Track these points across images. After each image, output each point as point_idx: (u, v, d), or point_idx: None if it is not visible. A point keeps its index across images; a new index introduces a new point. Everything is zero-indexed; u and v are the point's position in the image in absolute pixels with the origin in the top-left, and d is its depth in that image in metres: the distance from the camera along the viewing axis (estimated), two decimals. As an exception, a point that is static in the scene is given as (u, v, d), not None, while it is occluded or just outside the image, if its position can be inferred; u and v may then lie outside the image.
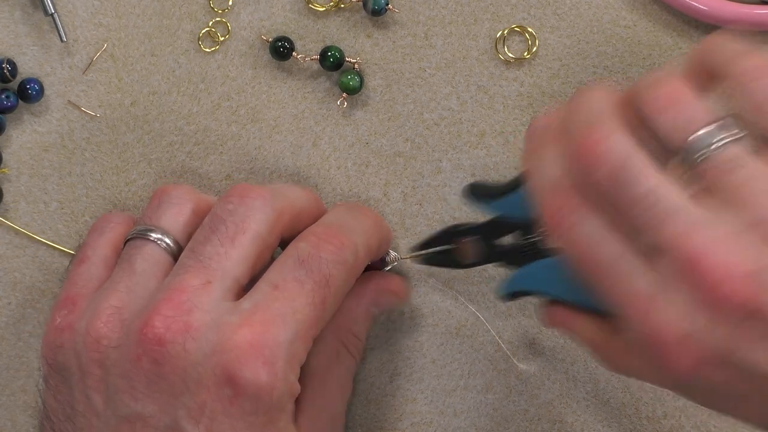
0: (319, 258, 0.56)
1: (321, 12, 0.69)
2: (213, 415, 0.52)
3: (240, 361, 0.52)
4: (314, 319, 0.55)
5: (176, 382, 0.53)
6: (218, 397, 0.52)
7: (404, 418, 0.69)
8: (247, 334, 0.53)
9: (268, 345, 0.53)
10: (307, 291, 0.55)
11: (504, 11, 0.69)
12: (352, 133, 0.69)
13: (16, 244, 0.69)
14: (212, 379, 0.52)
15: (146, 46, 0.69)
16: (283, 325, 0.54)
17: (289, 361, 0.53)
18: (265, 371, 0.52)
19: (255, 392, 0.52)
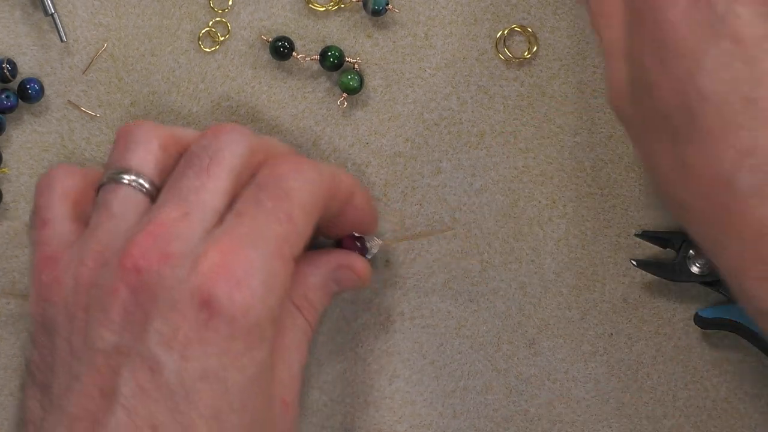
0: (277, 176, 0.55)
1: (321, 12, 0.69)
2: (187, 340, 0.51)
3: (213, 283, 0.51)
4: (283, 234, 0.54)
5: (150, 309, 0.52)
6: (193, 321, 0.51)
7: (403, 420, 0.69)
8: (216, 256, 0.52)
9: (240, 265, 0.52)
10: (268, 209, 0.54)
11: (504, 11, 0.69)
12: (352, 133, 0.69)
13: (16, 243, 0.69)
14: (187, 304, 0.52)
15: (146, 46, 0.69)
16: (251, 245, 0.53)
17: (266, 281, 0.52)
18: (239, 291, 0.51)
19: (229, 313, 0.51)
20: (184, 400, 0.51)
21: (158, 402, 0.51)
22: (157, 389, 0.51)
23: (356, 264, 0.61)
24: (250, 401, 0.52)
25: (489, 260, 0.69)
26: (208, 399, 0.51)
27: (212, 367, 0.51)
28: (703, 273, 0.66)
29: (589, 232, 0.69)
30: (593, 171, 0.69)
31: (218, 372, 0.51)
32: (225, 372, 0.51)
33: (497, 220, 0.69)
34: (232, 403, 0.51)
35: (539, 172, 0.69)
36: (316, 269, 0.60)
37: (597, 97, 0.69)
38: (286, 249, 0.54)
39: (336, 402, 0.69)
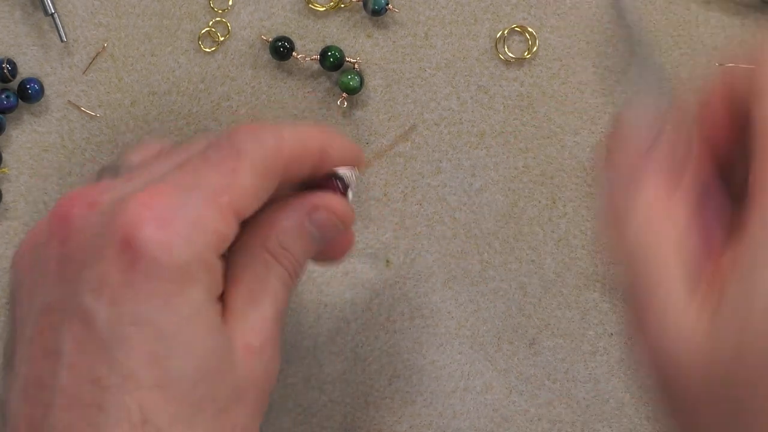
0: (230, 136, 0.53)
1: (321, 12, 0.69)
2: (115, 285, 0.50)
3: (135, 223, 0.50)
4: (222, 185, 0.52)
5: (79, 258, 0.51)
6: (118, 265, 0.50)
7: (403, 421, 0.69)
8: (144, 197, 0.50)
9: (165, 205, 0.50)
10: (212, 162, 0.52)
11: (504, 11, 0.69)
12: (352, 133, 0.69)
13: (16, 243, 0.69)
14: (111, 248, 0.50)
15: (146, 46, 0.69)
16: (182, 189, 0.51)
17: (195, 224, 0.50)
18: (161, 230, 0.50)
19: (151, 253, 0.49)
20: (119, 347, 0.49)
21: (95, 354, 0.50)
22: (93, 341, 0.50)
23: (332, 202, 0.57)
24: (192, 344, 0.50)
25: (489, 260, 0.69)
26: (144, 345, 0.49)
27: (142, 310, 0.50)
28: None
29: (589, 232, 0.69)
30: (593, 171, 0.69)
31: (149, 315, 0.50)
32: (157, 314, 0.50)
33: (497, 220, 0.69)
34: (170, 346, 0.50)
35: (539, 172, 0.69)
36: (289, 213, 0.56)
37: (597, 97, 0.69)
38: (224, 199, 0.52)
39: (336, 402, 0.69)
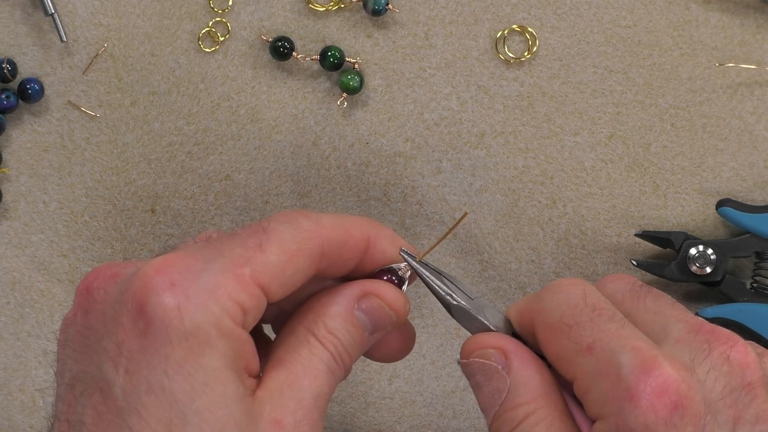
0: (262, 219, 0.53)
1: (321, 12, 0.69)
2: (130, 354, 0.49)
3: (147, 289, 0.50)
4: (245, 257, 0.51)
5: (99, 328, 0.51)
6: (133, 333, 0.49)
7: (403, 421, 0.69)
8: (158, 262, 0.50)
9: (177, 269, 0.50)
10: (238, 238, 0.52)
11: (504, 11, 0.69)
12: (352, 133, 0.69)
13: (16, 243, 0.69)
14: (126, 315, 0.50)
15: (146, 46, 0.69)
16: (200, 257, 0.51)
17: (210, 291, 0.50)
18: (171, 293, 0.49)
19: (162, 317, 0.49)
20: (134, 416, 0.49)
21: (112, 423, 0.50)
22: (110, 410, 0.50)
23: (381, 289, 0.56)
24: (207, 412, 0.50)
25: (489, 260, 0.69)
26: (157, 412, 0.49)
27: (155, 377, 0.49)
28: (703, 273, 0.67)
29: (589, 232, 0.69)
30: (593, 171, 0.69)
31: (162, 382, 0.49)
32: (169, 381, 0.49)
33: (497, 220, 0.69)
34: (184, 414, 0.49)
35: (539, 172, 0.69)
36: (337, 298, 0.55)
37: (597, 97, 0.69)
38: (245, 270, 0.51)
39: (336, 402, 0.69)
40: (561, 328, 0.52)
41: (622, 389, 0.49)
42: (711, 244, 0.67)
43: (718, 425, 0.49)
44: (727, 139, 0.69)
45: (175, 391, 0.49)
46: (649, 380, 0.49)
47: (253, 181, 0.69)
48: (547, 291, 0.54)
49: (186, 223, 0.69)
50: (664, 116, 0.69)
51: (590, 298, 0.53)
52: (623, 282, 0.56)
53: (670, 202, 0.69)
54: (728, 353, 0.51)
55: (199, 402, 0.49)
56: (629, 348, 0.50)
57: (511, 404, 0.53)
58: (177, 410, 0.49)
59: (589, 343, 0.51)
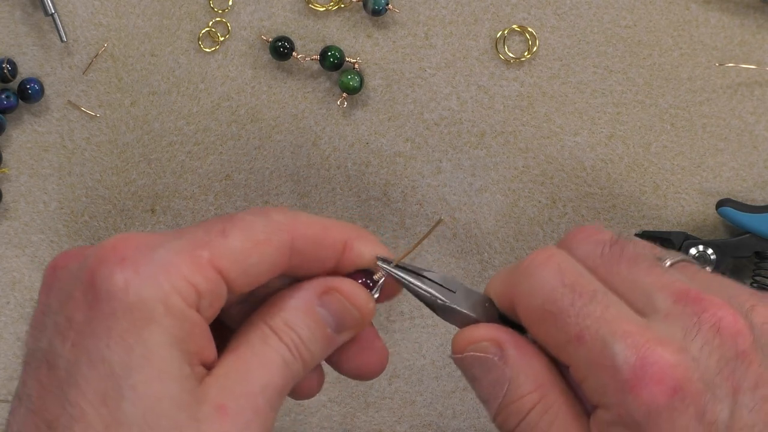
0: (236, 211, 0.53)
1: (321, 12, 0.69)
2: (77, 326, 0.49)
3: (99, 262, 0.49)
4: (203, 240, 0.51)
5: (54, 304, 0.51)
6: (82, 306, 0.49)
7: (403, 421, 0.69)
8: (114, 240, 0.50)
9: (132, 245, 0.50)
10: (203, 224, 0.52)
11: (504, 11, 0.69)
12: (352, 133, 0.69)
13: (16, 243, 0.69)
14: (78, 289, 0.50)
15: (146, 46, 0.69)
16: (155, 236, 0.51)
17: (161, 268, 0.49)
18: (120, 268, 0.49)
19: (108, 289, 0.49)
20: (73, 388, 0.49)
21: (52, 394, 0.49)
22: (52, 382, 0.49)
23: (344, 286, 0.54)
24: (143, 387, 0.49)
25: (489, 260, 0.69)
26: (95, 384, 0.49)
27: (97, 349, 0.49)
28: None
29: (589, 232, 0.69)
30: (593, 171, 0.69)
31: (103, 353, 0.49)
32: (110, 352, 0.49)
33: (497, 220, 0.69)
34: (121, 386, 0.49)
35: (539, 172, 0.69)
36: (297, 292, 0.54)
37: (597, 97, 0.69)
38: (204, 253, 0.50)
39: (336, 402, 0.69)
40: (545, 316, 0.51)
41: (620, 380, 0.49)
42: (711, 244, 0.67)
43: (718, 400, 0.49)
44: (727, 139, 0.69)
45: (114, 364, 0.49)
46: (646, 368, 0.49)
47: (253, 181, 0.69)
48: (521, 272, 0.53)
49: (186, 223, 0.69)
50: (664, 116, 0.69)
51: (568, 276, 0.52)
52: (592, 244, 0.54)
53: (670, 202, 0.69)
54: (718, 324, 0.50)
55: (136, 376, 0.49)
56: (620, 334, 0.49)
57: (515, 395, 0.52)
58: (114, 382, 0.49)
59: (578, 332, 0.50)
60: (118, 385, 0.48)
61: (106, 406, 0.48)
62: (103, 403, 0.48)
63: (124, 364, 0.49)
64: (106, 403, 0.48)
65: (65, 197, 0.69)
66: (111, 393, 0.48)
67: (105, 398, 0.48)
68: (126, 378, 0.49)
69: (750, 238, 0.67)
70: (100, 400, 0.48)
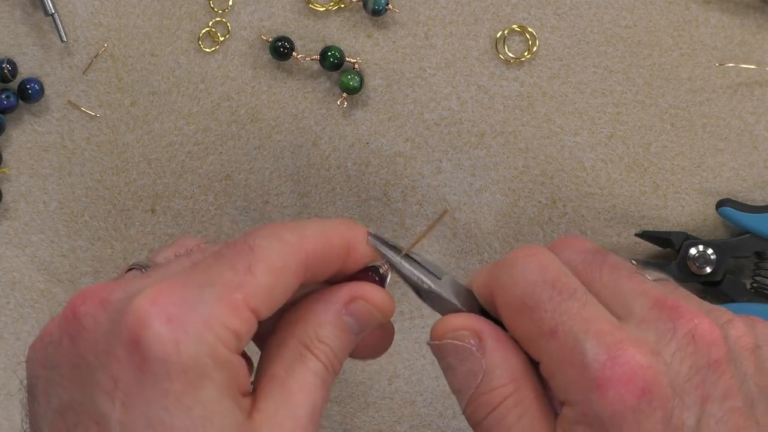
0: (246, 234, 0.52)
1: (321, 12, 0.69)
2: (127, 388, 0.49)
3: (143, 322, 0.49)
4: (236, 282, 0.50)
5: (91, 359, 0.50)
6: (129, 366, 0.49)
7: (403, 421, 0.69)
8: (152, 293, 0.49)
9: (173, 302, 0.49)
10: (226, 259, 0.51)
11: (504, 11, 0.69)
12: (352, 133, 0.69)
13: (16, 243, 0.69)
14: (121, 348, 0.49)
15: (146, 46, 0.69)
16: (192, 285, 0.50)
17: (205, 321, 0.49)
18: (168, 327, 0.48)
19: (159, 352, 0.48)
20: None
21: None
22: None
23: (368, 292, 0.55)
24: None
25: (489, 260, 0.69)
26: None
27: (154, 412, 0.49)
28: (703, 273, 0.67)
29: (589, 232, 0.69)
30: (593, 171, 0.69)
31: (161, 417, 0.48)
32: (169, 415, 0.49)
33: (497, 220, 0.69)
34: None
35: (539, 172, 0.69)
36: (325, 305, 0.55)
37: (597, 97, 0.69)
38: (239, 296, 0.50)
39: (336, 402, 0.69)
40: (523, 309, 0.51)
41: (588, 378, 0.49)
42: (711, 244, 0.67)
43: (686, 407, 0.49)
44: (727, 139, 0.69)
45: (175, 426, 0.49)
46: (615, 368, 0.48)
47: (253, 181, 0.69)
48: (504, 265, 0.53)
49: (186, 223, 0.69)
50: (664, 116, 0.69)
51: (549, 273, 0.52)
52: (576, 251, 0.55)
53: (670, 202, 0.69)
54: (693, 332, 0.50)
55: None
56: (593, 332, 0.49)
57: (487, 387, 0.52)
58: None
59: (552, 327, 0.50)
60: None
61: None
62: None
63: (186, 427, 0.49)
64: None
65: (65, 197, 0.69)
66: None
67: None
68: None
69: (750, 238, 0.67)
70: None
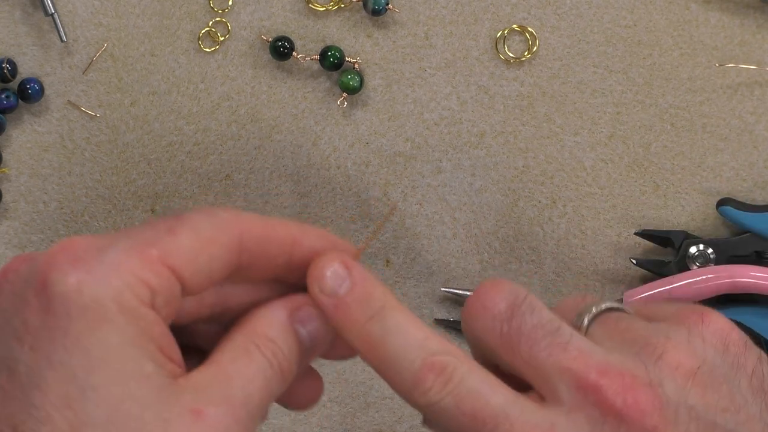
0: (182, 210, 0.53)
1: (321, 12, 0.69)
2: (34, 330, 0.49)
3: (50, 265, 0.49)
4: (152, 237, 0.50)
5: (8, 308, 0.50)
6: (37, 309, 0.49)
7: (403, 421, 0.69)
8: (64, 242, 0.50)
9: (81, 247, 0.50)
10: (151, 224, 0.51)
11: (504, 11, 0.69)
12: (352, 133, 0.69)
13: (16, 243, 0.69)
14: (32, 293, 0.49)
15: (146, 46, 0.69)
16: (104, 237, 0.51)
17: (112, 267, 0.49)
18: (72, 267, 0.49)
19: (62, 291, 0.48)
20: (36, 392, 0.48)
21: (15, 399, 0.49)
22: (15, 387, 0.49)
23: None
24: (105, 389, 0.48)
25: (489, 260, 0.69)
26: (57, 387, 0.48)
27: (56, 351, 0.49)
28: None
29: (589, 232, 0.69)
30: (593, 171, 0.69)
31: (62, 356, 0.48)
32: (68, 355, 0.48)
33: (497, 220, 0.69)
34: (83, 388, 0.48)
35: (539, 172, 0.69)
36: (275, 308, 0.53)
37: (597, 97, 0.69)
38: (153, 251, 0.50)
39: (336, 402, 0.69)
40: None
41: None
42: (711, 243, 0.67)
43: None
44: (727, 139, 0.69)
45: (74, 366, 0.48)
46: None
47: (253, 181, 0.69)
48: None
49: (186, 223, 0.69)
50: (664, 116, 0.69)
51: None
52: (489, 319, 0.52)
53: (670, 202, 0.69)
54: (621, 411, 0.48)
55: (96, 377, 0.48)
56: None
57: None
58: (76, 385, 0.48)
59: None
60: (80, 387, 0.48)
61: (71, 409, 0.48)
62: (68, 405, 0.48)
63: (83, 367, 0.48)
64: (70, 405, 0.48)
65: (65, 197, 0.69)
66: (74, 395, 0.48)
67: (69, 401, 0.48)
68: (87, 380, 0.48)
69: (750, 238, 0.67)
70: (64, 403, 0.48)
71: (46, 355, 0.49)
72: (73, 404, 0.48)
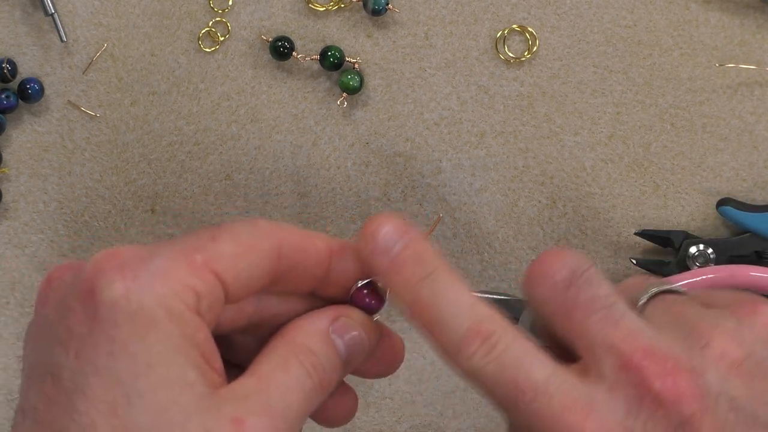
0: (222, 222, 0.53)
1: (321, 12, 0.69)
2: (80, 337, 0.49)
3: (97, 272, 0.49)
4: (198, 246, 0.51)
5: (53, 316, 0.51)
6: (83, 316, 0.49)
7: (403, 421, 0.69)
8: (110, 250, 0.50)
9: (127, 255, 0.50)
10: (193, 233, 0.52)
11: (504, 11, 0.69)
12: (352, 133, 0.69)
13: (16, 243, 0.69)
14: (77, 300, 0.50)
15: (146, 46, 0.69)
16: (147, 246, 0.51)
17: (159, 274, 0.49)
18: (120, 275, 0.49)
19: (109, 299, 0.49)
20: (81, 398, 0.48)
21: (60, 406, 0.49)
22: (59, 393, 0.49)
23: (354, 314, 0.54)
24: (150, 395, 0.49)
25: (489, 260, 0.69)
26: (103, 393, 0.48)
27: (101, 358, 0.49)
28: None
29: (589, 232, 0.69)
30: (593, 171, 0.69)
31: (108, 363, 0.49)
32: (114, 361, 0.48)
33: (497, 220, 0.69)
34: (129, 395, 0.48)
35: (539, 172, 0.69)
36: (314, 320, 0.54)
37: (597, 97, 0.69)
38: (197, 257, 0.50)
39: (336, 402, 0.69)
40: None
41: None
42: (711, 243, 0.67)
43: None
44: (727, 139, 0.69)
45: (120, 372, 0.48)
46: None
47: (253, 181, 0.69)
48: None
49: (186, 223, 0.69)
50: (664, 116, 0.69)
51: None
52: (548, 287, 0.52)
53: (670, 202, 0.69)
54: (660, 394, 0.48)
55: (141, 383, 0.48)
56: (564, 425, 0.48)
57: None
58: (121, 391, 0.48)
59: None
60: (125, 394, 0.48)
61: (116, 415, 0.48)
62: (113, 412, 0.48)
63: (130, 373, 0.48)
64: (115, 412, 0.48)
65: (65, 197, 0.69)
66: (119, 401, 0.48)
67: (114, 407, 0.48)
68: (132, 386, 0.48)
69: (750, 238, 0.67)
70: (109, 409, 0.48)
71: (92, 361, 0.49)
72: (119, 410, 0.48)
